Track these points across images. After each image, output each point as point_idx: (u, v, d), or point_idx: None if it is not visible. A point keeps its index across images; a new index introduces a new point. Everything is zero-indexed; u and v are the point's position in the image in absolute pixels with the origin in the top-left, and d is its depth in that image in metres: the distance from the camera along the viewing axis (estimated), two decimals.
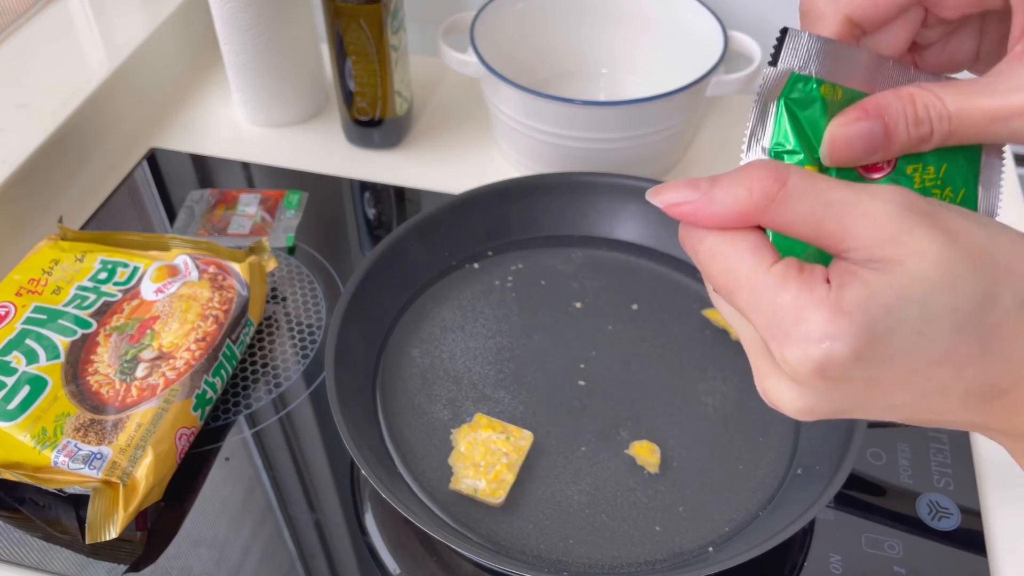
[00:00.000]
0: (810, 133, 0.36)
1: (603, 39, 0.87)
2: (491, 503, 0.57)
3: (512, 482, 0.57)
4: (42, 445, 0.55)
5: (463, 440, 0.59)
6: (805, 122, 0.36)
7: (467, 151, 0.86)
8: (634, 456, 0.59)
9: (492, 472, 0.57)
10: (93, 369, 0.59)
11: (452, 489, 0.57)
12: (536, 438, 0.60)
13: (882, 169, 0.36)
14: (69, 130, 0.79)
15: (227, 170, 0.83)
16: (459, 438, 0.60)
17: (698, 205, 0.31)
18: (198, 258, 0.67)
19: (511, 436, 0.59)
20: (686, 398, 0.63)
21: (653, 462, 0.58)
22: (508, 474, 0.57)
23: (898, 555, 0.56)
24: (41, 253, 0.66)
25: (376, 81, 0.79)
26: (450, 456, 0.59)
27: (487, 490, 0.57)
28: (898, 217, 0.30)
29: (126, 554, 0.56)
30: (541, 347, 0.66)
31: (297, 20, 0.83)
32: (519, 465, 0.58)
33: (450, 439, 0.60)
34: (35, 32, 0.89)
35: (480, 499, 0.57)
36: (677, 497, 0.57)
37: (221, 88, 0.92)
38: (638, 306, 0.69)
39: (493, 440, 0.59)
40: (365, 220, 0.80)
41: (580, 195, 0.73)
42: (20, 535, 0.57)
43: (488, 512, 0.57)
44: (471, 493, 0.57)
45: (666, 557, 0.55)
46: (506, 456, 0.58)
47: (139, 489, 0.54)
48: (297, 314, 0.70)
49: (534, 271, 0.72)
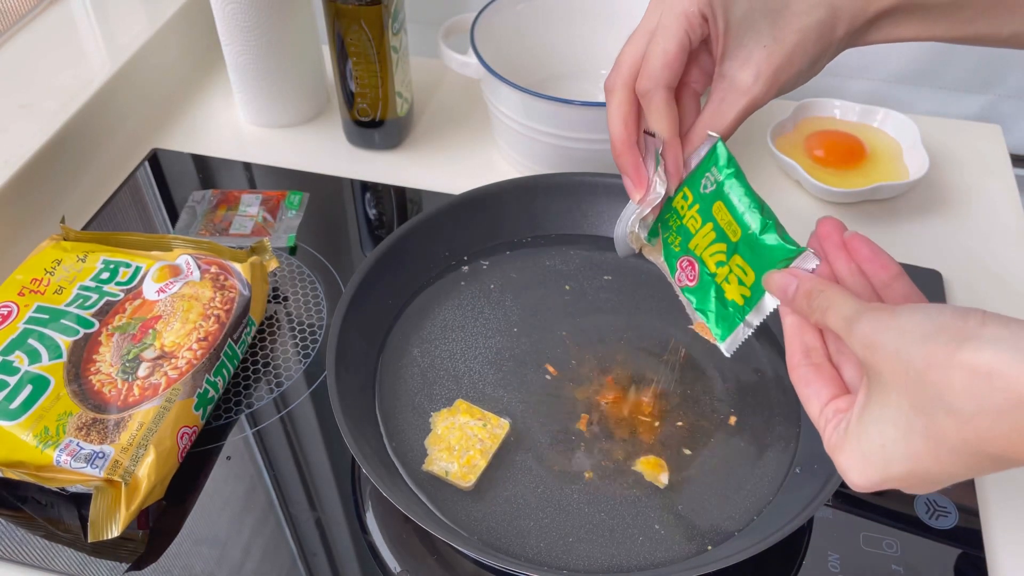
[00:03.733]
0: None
1: (603, 40, 0.87)
2: (461, 486, 0.58)
3: (484, 467, 0.58)
4: (44, 444, 0.55)
5: (441, 423, 0.60)
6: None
7: (467, 151, 0.86)
8: (642, 472, 0.59)
9: (465, 456, 0.58)
10: (95, 368, 0.60)
11: (424, 470, 0.58)
12: (537, 437, 0.61)
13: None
14: (71, 131, 0.80)
15: (229, 170, 0.84)
16: (437, 421, 0.61)
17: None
18: (200, 258, 0.67)
19: (488, 423, 0.60)
20: (686, 398, 0.63)
21: (661, 476, 0.58)
22: (480, 460, 0.58)
23: (896, 553, 0.56)
24: (43, 253, 0.67)
25: (377, 82, 0.80)
26: (427, 438, 0.60)
27: (458, 473, 0.58)
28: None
29: (128, 553, 0.56)
30: (541, 347, 0.66)
31: (298, 21, 0.83)
32: (492, 452, 0.59)
33: (429, 421, 0.61)
34: (37, 33, 0.90)
35: (451, 481, 0.58)
36: (676, 496, 0.58)
37: (223, 89, 0.93)
38: (638, 306, 0.69)
39: (470, 426, 0.60)
40: (366, 220, 0.81)
41: (580, 195, 0.74)
42: (23, 534, 0.57)
43: (488, 511, 0.57)
44: (442, 475, 0.58)
45: (665, 555, 0.55)
46: (481, 442, 0.59)
47: (141, 488, 0.55)
48: (298, 314, 0.70)
49: (534, 271, 0.72)
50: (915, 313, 0.37)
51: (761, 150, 0.84)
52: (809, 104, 0.85)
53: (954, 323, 0.35)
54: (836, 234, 0.46)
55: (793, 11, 0.49)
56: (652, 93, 0.48)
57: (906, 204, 0.80)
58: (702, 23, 0.48)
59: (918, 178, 0.78)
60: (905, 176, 0.80)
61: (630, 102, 0.50)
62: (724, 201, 0.47)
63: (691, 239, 0.49)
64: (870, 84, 0.92)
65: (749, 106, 0.49)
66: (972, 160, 0.85)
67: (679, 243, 0.51)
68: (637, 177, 0.51)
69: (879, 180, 0.79)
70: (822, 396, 0.43)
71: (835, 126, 0.85)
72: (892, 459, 0.38)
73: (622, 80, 0.50)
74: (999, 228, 0.79)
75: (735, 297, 0.48)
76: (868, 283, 0.45)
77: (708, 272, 0.49)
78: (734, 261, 0.47)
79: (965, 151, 0.86)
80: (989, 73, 0.90)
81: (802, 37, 0.49)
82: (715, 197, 0.47)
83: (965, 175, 0.83)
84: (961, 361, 0.34)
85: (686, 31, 0.48)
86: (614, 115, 0.50)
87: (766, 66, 0.48)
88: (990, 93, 0.91)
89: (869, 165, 0.81)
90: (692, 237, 0.49)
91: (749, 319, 0.48)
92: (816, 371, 0.44)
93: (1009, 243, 0.77)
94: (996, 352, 0.33)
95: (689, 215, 0.49)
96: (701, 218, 0.48)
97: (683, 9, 0.48)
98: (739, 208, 0.46)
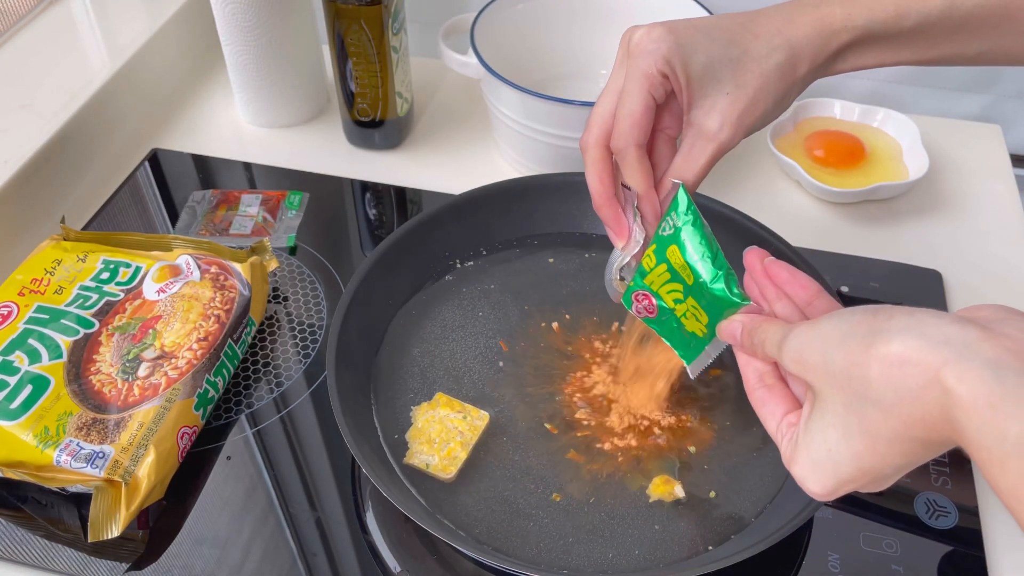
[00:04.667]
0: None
1: (602, 40, 0.87)
2: (442, 478, 0.58)
3: (464, 459, 0.59)
4: (44, 444, 0.55)
5: (421, 416, 0.61)
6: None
7: (467, 151, 0.86)
8: (660, 498, 0.57)
9: (446, 449, 0.59)
10: (95, 368, 0.60)
11: (406, 463, 0.59)
12: (538, 437, 0.61)
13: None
14: (72, 131, 0.80)
15: (229, 171, 0.84)
16: (418, 415, 0.61)
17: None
18: (200, 258, 0.67)
19: (468, 415, 0.61)
20: (686, 399, 0.63)
21: (675, 489, 0.58)
22: (461, 451, 0.59)
23: (896, 553, 0.56)
24: (44, 253, 0.67)
25: (377, 82, 0.80)
26: (408, 431, 0.60)
27: (439, 465, 0.58)
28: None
29: (128, 552, 0.56)
30: (541, 346, 0.66)
31: (298, 21, 0.83)
32: (472, 443, 0.59)
33: (409, 415, 0.61)
34: (38, 33, 0.90)
35: (432, 474, 0.58)
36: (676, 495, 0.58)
37: (223, 89, 0.93)
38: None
39: (450, 418, 0.60)
40: (366, 220, 0.81)
41: (580, 195, 0.73)
42: (23, 534, 0.57)
43: (489, 511, 0.57)
44: (423, 467, 0.58)
45: (665, 555, 0.55)
46: (461, 434, 0.60)
47: (141, 488, 0.55)
48: (298, 314, 0.70)
49: (534, 271, 0.72)
50: (831, 319, 0.40)
51: (761, 150, 0.84)
52: (809, 104, 0.85)
53: (865, 320, 0.38)
54: (759, 263, 0.48)
55: (752, 56, 0.50)
56: (625, 152, 0.51)
57: (906, 204, 0.80)
58: (663, 81, 0.50)
59: (918, 178, 0.78)
60: (905, 176, 0.80)
61: (604, 160, 0.52)
62: (679, 246, 0.49)
63: (646, 275, 0.52)
64: (870, 84, 0.92)
65: (717, 151, 0.51)
66: (972, 160, 0.85)
67: (633, 278, 0.53)
68: (619, 228, 0.53)
69: (879, 180, 0.79)
70: (776, 414, 0.45)
71: (835, 126, 0.85)
72: (839, 462, 0.40)
73: (594, 139, 0.52)
74: (999, 228, 0.79)
75: (695, 330, 0.51)
76: (793, 305, 0.47)
77: (667, 307, 0.52)
78: (690, 302, 0.50)
79: (965, 151, 0.86)
80: (989, 73, 0.90)
81: (764, 81, 0.50)
82: (671, 241, 0.50)
83: (965, 175, 0.83)
84: (875, 355, 0.36)
85: (649, 92, 0.50)
86: (591, 173, 0.53)
87: (730, 111, 0.50)
88: (990, 93, 0.91)
89: (869, 165, 0.81)
90: (647, 274, 0.52)
91: (709, 350, 0.51)
92: (769, 392, 0.46)
93: (1009, 243, 0.77)
94: (904, 340, 0.35)
95: (646, 253, 0.52)
96: (656, 258, 0.51)
97: (643, 71, 0.49)
98: (692, 257, 0.49)
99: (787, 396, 0.46)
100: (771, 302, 0.48)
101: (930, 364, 0.34)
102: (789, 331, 0.42)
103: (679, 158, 0.52)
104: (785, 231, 0.67)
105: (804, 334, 0.41)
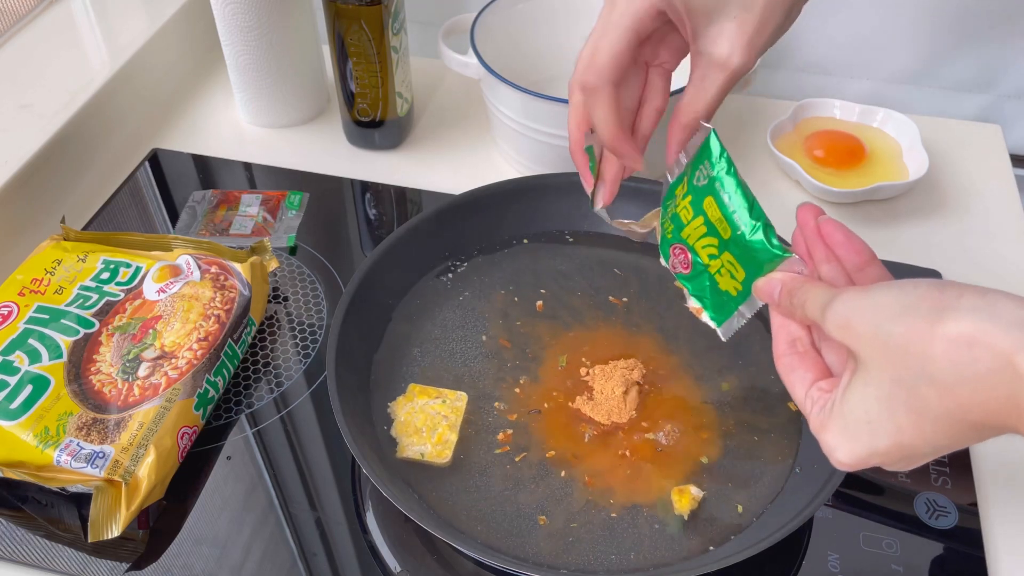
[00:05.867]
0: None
1: None
2: (439, 464, 0.58)
3: (456, 441, 0.59)
4: (45, 444, 0.55)
5: (401, 411, 0.61)
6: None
7: (467, 151, 0.86)
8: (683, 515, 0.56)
9: (435, 435, 0.59)
10: (95, 368, 0.60)
11: (399, 457, 0.59)
12: (537, 436, 0.61)
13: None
14: (72, 131, 0.80)
15: (229, 171, 0.84)
16: (397, 410, 0.61)
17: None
18: (200, 258, 0.67)
19: (447, 399, 0.61)
20: (685, 399, 0.63)
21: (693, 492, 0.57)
22: (451, 434, 0.59)
23: (896, 553, 0.56)
24: (44, 253, 0.67)
25: (377, 82, 0.80)
26: (392, 428, 0.60)
27: (433, 452, 0.58)
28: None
29: (128, 552, 0.56)
30: (541, 345, 0.66)
31: (298, 22, 0.83)
32: (459, 424, 0.60)
33: (387, 412, 0.61)
34: (38, 33, 0.90)
35: (428, 462, 0.58)
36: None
37: (223, 89, 0.93)
38: (638, 305, 0.69)
39: (430, 405, 0.61)
40: (366, 220, 0.81)
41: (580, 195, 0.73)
42: (23, 534, 0.57)
43: (489, 511, 0.57)
44: (418, 458, 0.58)
45: (665, 555, 0.55)
46: (445, 418, 0.60)
47: (141, 488, 0.55)
48: (298, 314, 0.70)
49: (534, 271, 0.72)
50: (890, 289, 0.38)
51: (761, 150, 0.84)
52: (809, 104, 0.85)
53: (930, 295, 0.36)
54: (813, 220, 0.47)
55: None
56: (598, 90, 0.49)
57: (906, 204, 0.80)
58: (656, 15, 0.48)
59: (918, 178, 0.78)
60: (905, 176, 0.80)
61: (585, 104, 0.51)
62: (715, 198, 0.47)
63: (683, 228, 0.50)
64: (870, 84, 0.92)
65: (729, 80, 0.49)
66: (972, 160, 0.85)
67: (672, 231, 0.52)
68: (587, 178, 0.53)
69: (879, 180, 0.79)
70: (806, 380, 0.44)
71: (835, 126, 0.85)
72: (877, 433, 0.38)
73: (577, 81, 0.51)
74: (999, 228, 0.79)
75: (728, 288, 0.49)
76: (842, 268, 0.46)
77: (701, 262, 0.50)
78: (725, 257, 0.48)
79: (965, 151, 0.86)
80: (989, 73, 0.90)
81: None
82: (706, 192, 0.48)
83: (965, 175, 0.83)
84: (942, 332, 0.35)
85: (632, 28, 0.48)
86: (571, 116, 0.51)
87: (739, 36, 0.48)
88: (990, 93, 0.91)
89: (869, 165, 0.81)
90: (684, 227, 0.50)
91: (743, 310, 0.49)
92: (800, 358, 0.45)
93: (1009, 243, 0.77)
94: (975, 321, 0.34)
95: (682, 205, 0.50)
96: (693, 210, 0.49)
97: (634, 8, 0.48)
98: (729, 207, 0.47)
99: (818, 363, 0.45)
100: (818, 263, 0.46)
101: (1002, 348, 0.33)
102: (836, 295, 0.40)
103: (690, 89, 0.50)
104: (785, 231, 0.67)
105: (854, 300, 0.39)
